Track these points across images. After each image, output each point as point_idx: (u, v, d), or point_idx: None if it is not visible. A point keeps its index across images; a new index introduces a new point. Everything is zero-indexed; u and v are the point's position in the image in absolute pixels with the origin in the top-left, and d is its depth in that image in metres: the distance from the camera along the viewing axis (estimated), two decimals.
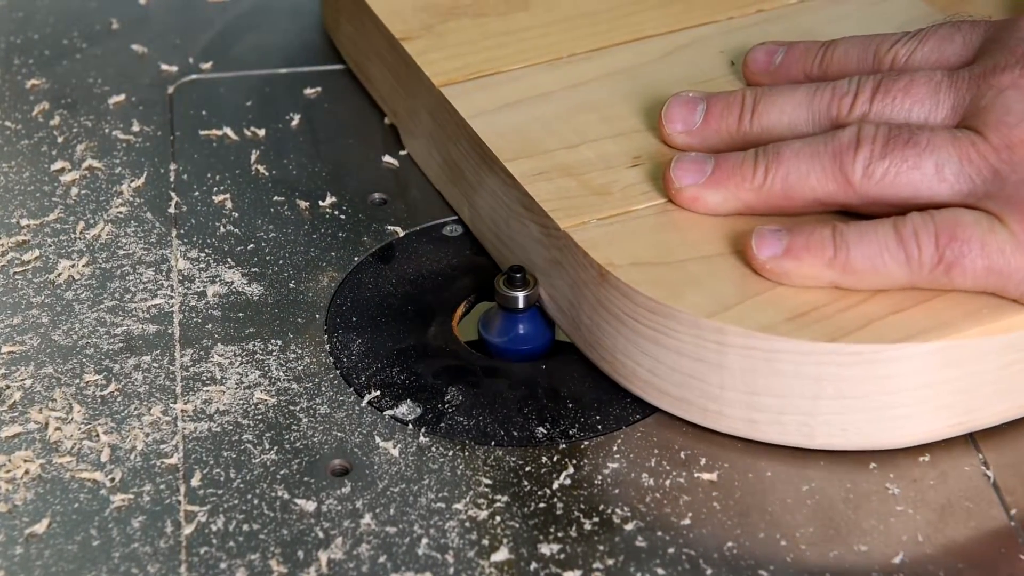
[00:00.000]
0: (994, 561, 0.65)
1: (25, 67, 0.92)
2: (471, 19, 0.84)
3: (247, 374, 0.73)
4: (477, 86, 0.79)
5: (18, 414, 0.71)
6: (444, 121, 0.79)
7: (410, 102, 0.83)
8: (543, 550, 0.65)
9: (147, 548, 0.66)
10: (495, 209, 0.76)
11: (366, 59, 0.87)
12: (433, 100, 0.80)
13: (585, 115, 0.77)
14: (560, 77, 0.80)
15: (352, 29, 0.88)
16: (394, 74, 0.84)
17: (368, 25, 0.86)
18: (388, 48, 0.84)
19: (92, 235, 0.80)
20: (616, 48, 0.82)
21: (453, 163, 0.79)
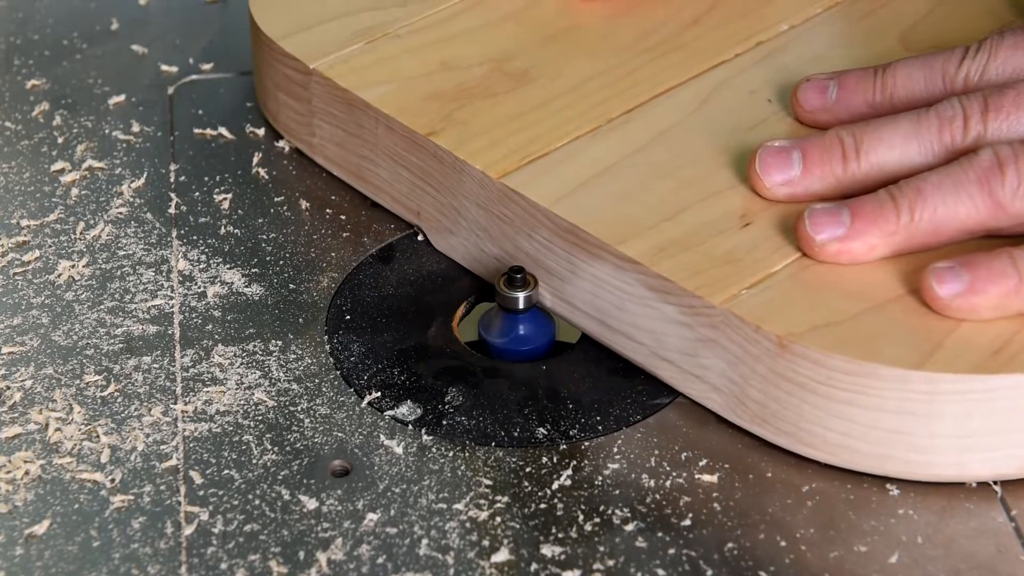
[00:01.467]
0: (994, 562, 0.65)
1: (25, 67, 0.92)
2: (485, 101, 0.79)
3: (247, 375, 0.73)
4: (537, 170, 0.74)
5: (18, 415, 0.71)
6: (510, 214, 0.74)
7: (445, 199, 0.77)
8: (544, 551, 0.65)
9: (147, 549, 0.66)
10: (600, 296, 0.72)
11: (364, 162, 0.81)
12: (489, 193, 0.75)
13: (664, 181, 0.74)
14: (614, 145, 0.76)
15: (338, 133, 0.82)
16: (418, 173, 0.78)
17: (369, 127, 0.80)
18: (407, 147, 0.78)
19: (92, 236, 0.80)
20: (647, 106, 0.78)
21: (525, 256, 0.74)
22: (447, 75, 0.80)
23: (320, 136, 0.83)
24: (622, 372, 0.73)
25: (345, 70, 0.81)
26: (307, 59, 0.81)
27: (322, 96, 0.81)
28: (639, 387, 0.72)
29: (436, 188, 0.77)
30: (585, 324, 0.74)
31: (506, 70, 0.80)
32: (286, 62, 0.83)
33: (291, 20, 0.84)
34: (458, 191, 0.76)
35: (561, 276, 0.73)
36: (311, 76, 0.81)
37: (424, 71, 0.80)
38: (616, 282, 0.71)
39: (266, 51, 0.84)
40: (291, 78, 0.83)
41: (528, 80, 0.80)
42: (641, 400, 0.72)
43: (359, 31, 0.83)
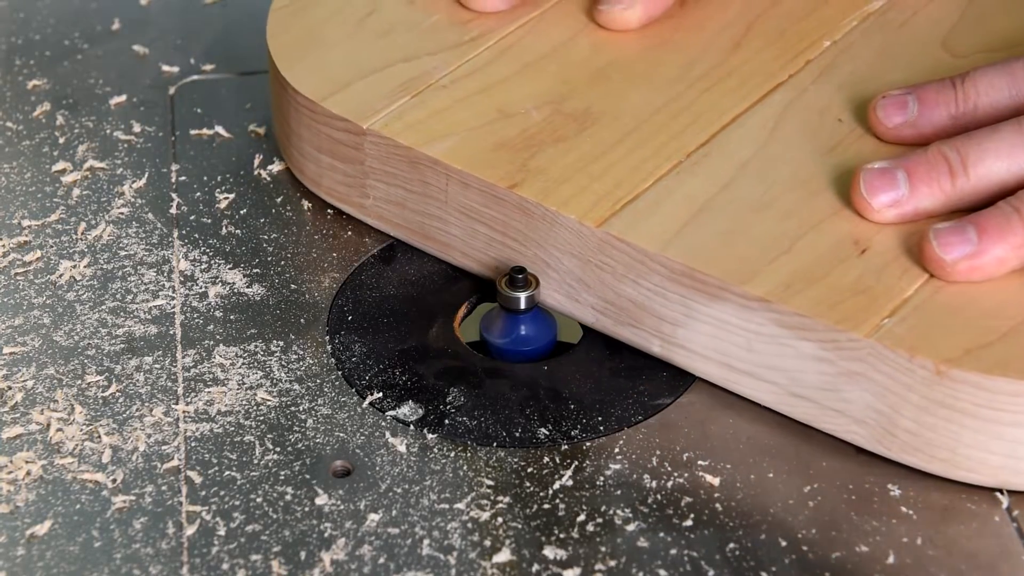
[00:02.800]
0: (995, 562, 0.65)
1: (26, 68, 0.92)
2: (555, 146, 0.76)
3: (249, 375, 0.73)
4: (634, 214, 0.72)
5: (20, 415, 0.71)
6: (611, 261, 0.72)
7: (530, 251, 0.74)
8: (545, 551, 0.65)
9: (149, 549, 0.66)
10: (722, 339, 0.70)
11: (430, 220, 0.77)
12: (587, 242, 0.72)
13: (766, 213, 0.72)
14: (702, 181, 0.74)
15: (397, 192, 0.78)
16: (497, 228, 0.75)
17: (437, 183, 0.76)
18: (485, 201, 0.75)
19: (93, 236, 0.80)
20: (719, 137, 0.76)
21: (629, 303, 0.72)
22: (507, 122, 0.77)
23: (375, 197, 0.79)
24: (624, 373, 0.73)
25: (401, 127, 0.77)
26: (358, 119, 0.78)
27: (378, 156, 0.78)
28: (640, 387, 0.72)
29: (520, 241, 0.75)
30: (703, 368, 0.72)
31: (565, 112, 0.78)
32: (333, 124, 0.79)
33: (325, 79, 0.80)
34: (547, 242, 0.74)
35: (674, 321, 0.71)
36: (365, 136, 0.77)
37: (483, 120, 0.77)
38: (742, 322, 0.69)
39: (305, 114, 0.80)
40: (338, 140, 0.79)
41: (591, 120, 0.77)
42: (643, 400, 0.72)
43: (400, 84, 0.79)
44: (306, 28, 0.83)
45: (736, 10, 0.84)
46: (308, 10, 0.85)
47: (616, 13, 0.82)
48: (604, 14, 0.83)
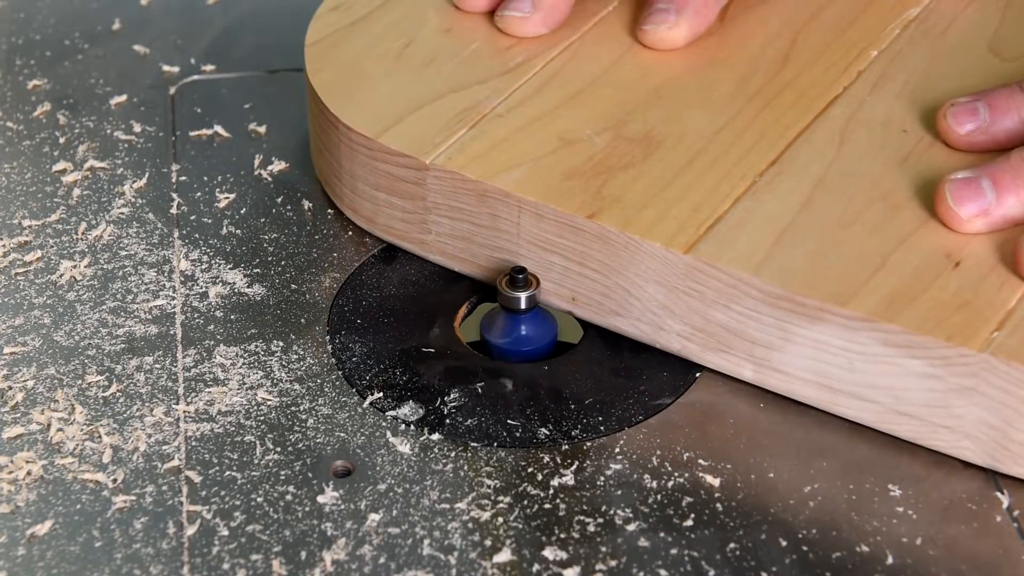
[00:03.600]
0: (996, 562, 0.65)
1: (27, 68, 0.92)
2: (625, 172, 0.74)
3: (249, 375, 0.73)
4: (719, 238, 0.71)
5: (20, 415, 0.71)
6: (701, 287, 0.70)
7: (610, 280, 0.73)
8: (546, 551, 0.65)
9: (149, 549, 0.66)
10: (821, 360, 0.69)
11: (500, 253, 0.76)
12: (674, 269, 0.71)
13: (852, 230, 0.71)
14: (779, 200, 0.73)
15: (463, 227, 0.76)
16: (574, 258, 0.73)
17: (508, 216, 0.74)
18: (561, 232, 0.73)
19: (94, 236, 0.80)
20: (787, 154, 0.75)
21: (719, 328, 0.71)
22: (571, 150, 0.76)
23: (437, 233, 0.77)
24: (624, 372, 0.73)
25: (465, 160, 0.75)
26: (419, 153, 0.76)
27: (442, 191, 0.76)
28: (641, 387, 0.72)
29: (599, 271, 0.73)
30: (800, 390, 0.71)
31: (628, 136, 0.76)
32: (392, 160, 0.77)
33: (376, 114, 0.78)
34: (629, 271, 0.72)
35: (769, 344, 0.70)
36: (428, 172, 0.75)
37: (546, 149, 0.76)
38: (844, 343, 0.68)
39: (360, 152, 0.78)
40: (398, 176, 0.77)
41: (655, 144, 0.76)
42: (643, 400, 0.72)
43: (455, 116, 0.77)
44: (347, 63, 0.81)
45: (777, 23, 0.83)
46: (344, 44, 0.82)
47: (662, 32, 0.81)
48: (649, 34, 0.81)
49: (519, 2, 0.82)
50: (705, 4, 0.82)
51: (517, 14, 0.82)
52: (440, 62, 0.81)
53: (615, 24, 0.84)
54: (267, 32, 0.96)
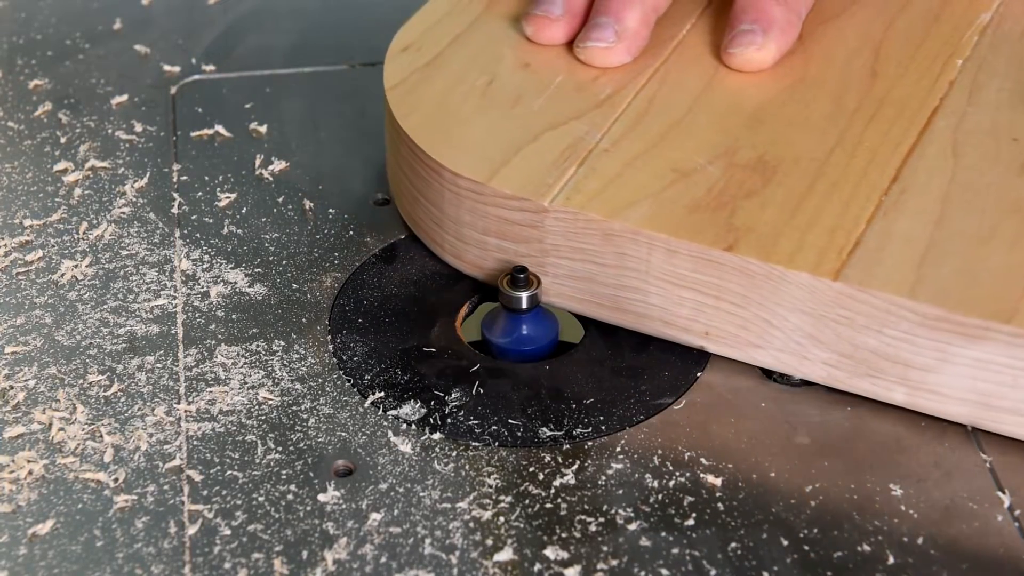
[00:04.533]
0: (998, 562, 0.65)
1: (28, 68, 0.93)
2: (749, 201, 0.73)
3: (251, 374, 0.73)
4: (863, 262, 0.69)
5: (21, 414, 0.71)
6: (850, 314, 0.69)
7: (750, 312, 0.71)
8: (547, 550, 0.65)
9: (151, 549, 0.66)
10: (981, 379, 0.68)
11: (625, 292, 0.74)
12: (822, 297, 0.69)
13: (993, 244, 0.70)
14: (914, 219, 0.71)
15: (585, 267, 0.74)
16: (709, 292, 0.72)
17: (638, 254, 0.72)
18: (696, 267, 0.71)
19: (95, 235, 0.80)
20: (905, 172, 0.74)
21: (869, 354, 0.70)
22: (688, 181, 0.74)
23: (554, 275, 0.75)
24: (625, 372, 0.73)
25: (584, 199, 0.73)
26: (535, 196, 0.73)
27: (563, 232, 0.73)
28: (642, 387, 0.72)
29: (737, 303, 0.71)
30: (956, 411, 0.69)
31: (741, 163, 0.75)
32: (506, 204, 0.74)
33: (480, 158, 0.75)
34: (771, 302, 0.70)
35: (925, 367, 0.69)
36: (547, 214, 0.73)
37: (663, 182, 0.74)
38: (1008, 360, 0.67)
39: (469, 197, 0.75)
40: (512, 220, 0.74)
41: (771, 169, 0.74)
42: (644, 400, 0.72)
43: (560, 154, 0.75)
44: (433, 105, 0.79)
45: (855, 38, 0.83)
46: (425, 86, 0.80)
47: (750, 54, 0.80)
48: (737, 56, 0.80)
49: (601, 31, 0.80)
50: (789, 22, 0.81)
51: (601, 44, 0.80)
52: (528, 99, 0.79)
53: (694, 47, 0.82)
54: (267, 32, 0.96)
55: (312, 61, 0.93)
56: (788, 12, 0.81)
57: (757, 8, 0.81)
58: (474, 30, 0.83)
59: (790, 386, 0.72)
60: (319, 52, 0.94)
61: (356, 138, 0.87)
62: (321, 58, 0.93)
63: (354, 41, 0.95)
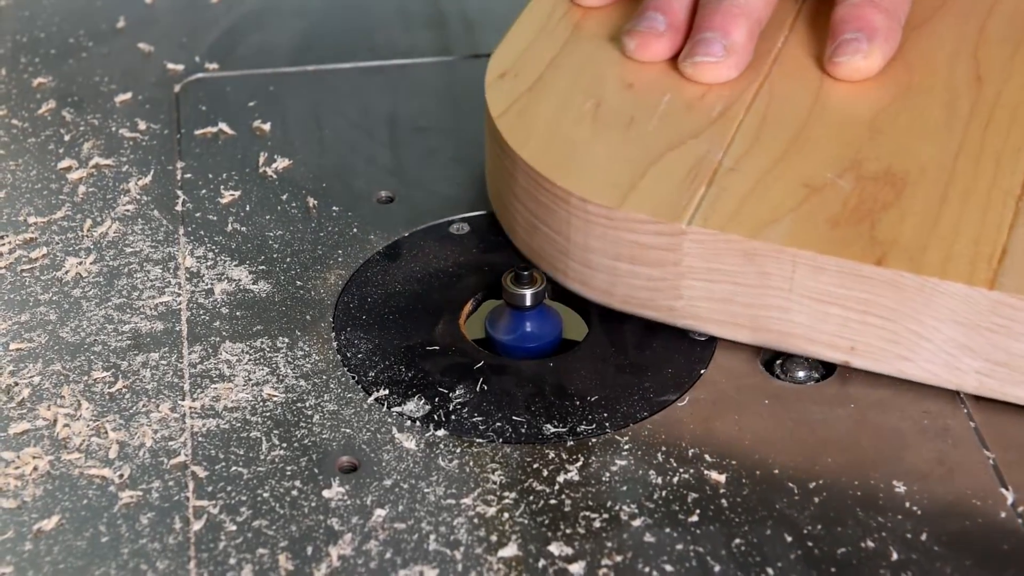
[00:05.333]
0: (1002, 559, 0.65)
1: (32, 66, 0.93)
2: (887, 212, 0.72)
3: (255, 371, 0.73)
4: (1014, 269, 0.69)
5: (27, 411, 0.71)
6: (1006, 322, 0.68)
7: (900, 325, 0.70)
8: (551, 546, 0.65)
9: (156, 544, 0.66)
10: None
11: (766, 311, 0.73)
12: (978, 307, 0.69)
13: None
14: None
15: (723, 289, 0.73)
16: (856, 307, 0.71)
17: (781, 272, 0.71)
18: (842, 282, 0.71)
19: (99, 233, 0.81)
20: None
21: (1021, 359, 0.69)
22: (821, 196, 0.73)
23: (690, 297, 0.73)
24: (629, 369, 0.73)
25: (721, 219, 0.72)
26: (670, 218, 0.72)
27: (701, 254, 0.72)
28: (646, 384, 0.72)
29: (886, 317, 0.70)
30: None
31: (869, 175, 0.74)
32: (639, 228, 0.72)
33: (605, 183, 0.74)
34: (923, 314, 0.70)
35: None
36: (685, 236, 0.72)
37: (797, 198, 0.73)
38: None
39: (598, 223, 0.73)
40: (645, 244, 0.73)
41: (900, 180, 0.74)
42: (648, 397, 0.72)
43: (686, 175, 0.74)
44: (547, 132, 0.77)
45: (951, 42, 0.82)
46: (532, 112, 0.78)
47: (857, 62, 0.79)
48: (844, 66, 0.79)
49: (709, 46, 0.79)
50: (891, 29, 0.80)
51: (710, 59, 0.79)
52: (641, 120, 0.77)
53: (795, 58, 0.81)
54: (271, 31, 0.96)
55: (315, 59, 0.93)
56: (890, 19, 0.80)
57: (859, 17, 0.80)
58: (569, 52, 0.82)
59: (793, 383, 0.73)
60: (322, 50, 0.94)
61: (359, 136, 0.87)
62: (324, 56, 0.94)
63: (357, 39, 0.95)
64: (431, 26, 0.96)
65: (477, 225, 0.81)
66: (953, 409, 0.71)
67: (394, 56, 0.94)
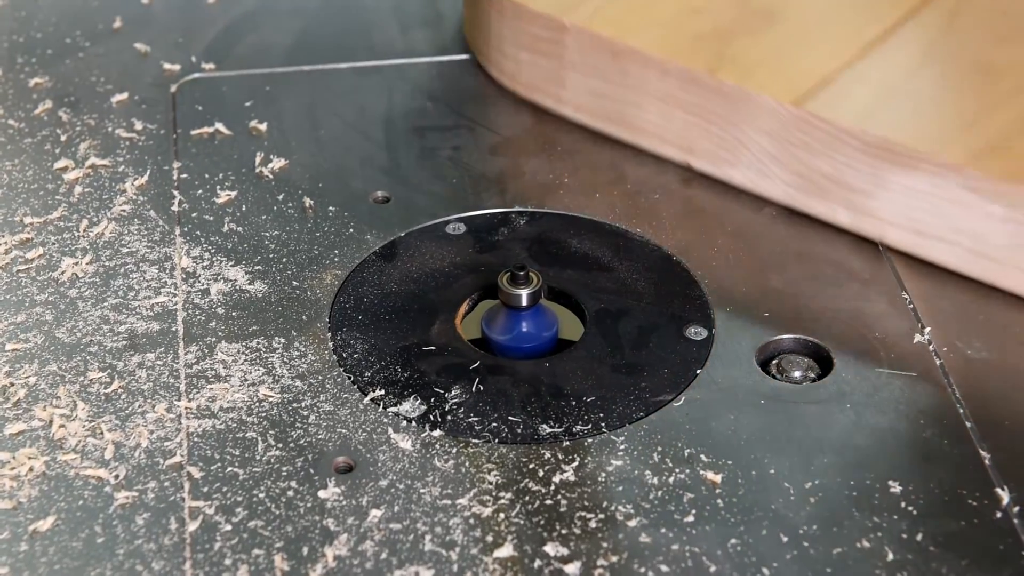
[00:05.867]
0: (997, 558, 0.65)
1: (28, 66, 0.93)
2: (747, 38, 0.83)
3: (251, 372, 0.73)
4: (829, 95, 0.79)
5: (22, 411, 0.71)
6: (807, 138, 0.78)
7: (726, 133, 0.81)
8: (547, 547, 0.65)
9: (151, 545, 0.66)
10: (910, 206, 0.76)
11: (628, 107, 0.84)
12: (783, 121, 0.79)
13: (954, 91, 0.79)
14: (892, 66, 0.80)
15: (595, 83, 0.85)
16: (693, 112, 0.82)
17: (637, 72, 0.83)
18: (683, 87, 0.82)
19: (96, 233, 0.81)
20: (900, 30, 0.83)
21: (820, 177, 0.79)
22: (699, 16, 0.84)
23: (571, 88, 0.86)
24: (625, 369, 0.73)
25: (602, 21, 0.84)
26: (559, 14, 0.84)
27: (579, 49, 0.84)
28: (642, 384, 0.72)
29: (715, 124, 0.81)
30: (891, 235, 0.78)
31: (753, 8, 0.84)
32: (536, 21, 0.85)
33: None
34: (744, 123, 0.80)
35: (865, 192, 0.77)
36: (567, 31, 0.84)
37: (673, 12, 0.84)
38: (931, 190, 0.75)
39: (508, 15, 0.86)
40: (540, 36, 0.86)
41: (780, 15, 0.83)
42: (644, 397, 0.72)
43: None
44: None
45: None
46: None
47: None
48: None
49: None
50: None
51: None
52: None
53: None
54: (267, 31, 0.96)
55: (312, 59, 0.93)
56: None
57: None
58: None
59: (789, 383, 0.73)
60: (319, 50, 0.94)
61: (356, 136, 0.87)
62: (321, 56, 0.93)
63: (354, 39, 0.95)
64: (427, 26, 0.96)
65: (473, 225, 0.81)
66: (950, 409, 0.71)
67: (391, 56, 0.94)
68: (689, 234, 0.81)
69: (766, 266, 0.79)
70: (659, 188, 0.83)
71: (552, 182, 0.84)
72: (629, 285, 0.78)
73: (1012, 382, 0.73)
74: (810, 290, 0.77)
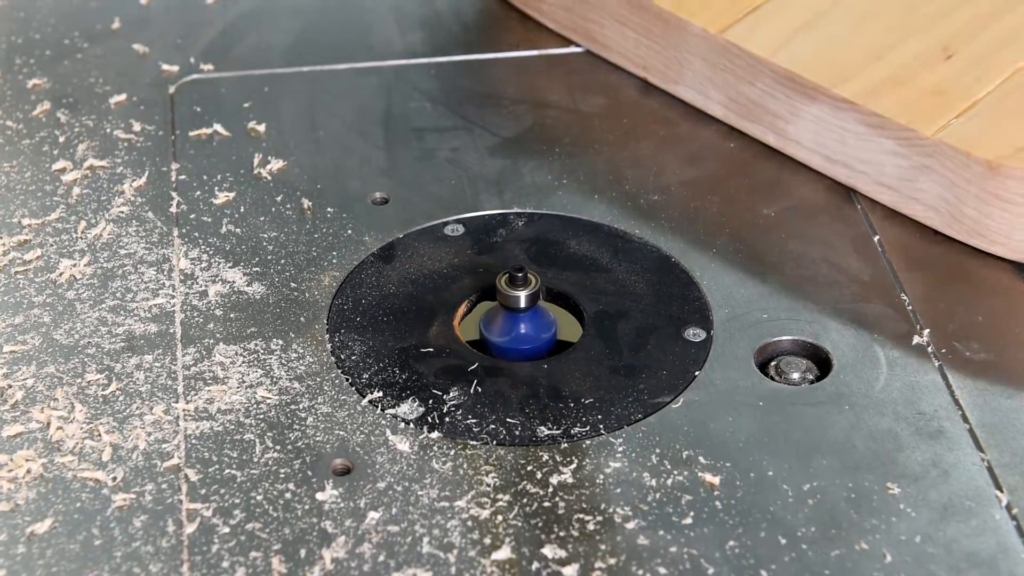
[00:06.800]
0: (995, 560, 0.65)
1: (26, 67, 0.92)
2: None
3: (249, 373, 0.73)
4: (754, 23, 0.84)
5: (20, 413, 0.71)
6: (731, 65, 0.84)
7: (669, 54, 0.88)
8: (545, 549, 0.65)
9: (149, 547, 0.66)
10: (821, 134, 0.82)
11: (593, 24, 0.91)
12: (711, 47, 0.85)
13: (871, 23, 0.84)
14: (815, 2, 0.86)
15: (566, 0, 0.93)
16: (642, 32, 0.89)
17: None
18: (630, 10, 0.88)
19: (94, 234, 0.80)
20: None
21: (748, 101, 0.85)
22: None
23: (550, 2, 0.93)
24: (623, 371, 0.73)
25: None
26: None
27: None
28: (640, 386, 0.72)
29: (660, 45, 0.88)
30: (809, 158, 0.83)
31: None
32: None
33: None
34: (681, 47, 0.86)
35: (784, 118, 0.83)
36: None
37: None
38: (835, 120, 0.81)
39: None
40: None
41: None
42: (642, 399, 0.72)
43: None
44: None
45: None
46: None
47: None
48: None
49: None
50: None
51: None
52: None
53: None
54: (266, 32, 0.96)
55: (310, 60, 0.93)
56: None
57: None
58: None
59: (788, 384, 0.73)
60: (317, 51, 0.94)
61: (354, 137, 0.87)
62: (319, 57, 0.93)
63: (352, 40, 0.95)
64: (426, 27, 0.96)
65: (472, 227, 0.81)
66: (948, 411, 0.71)
67: (389, 57, 0.93)
68: (688, 236, 0.80)
69: (765, 268, 0.79)
70: (658, 190, 0.83)
71: (550, 183, 0.84)
72: (627, 287, 0.78)
73: (1011, 383, 0.72)
74: (809, 292, 0.77)
